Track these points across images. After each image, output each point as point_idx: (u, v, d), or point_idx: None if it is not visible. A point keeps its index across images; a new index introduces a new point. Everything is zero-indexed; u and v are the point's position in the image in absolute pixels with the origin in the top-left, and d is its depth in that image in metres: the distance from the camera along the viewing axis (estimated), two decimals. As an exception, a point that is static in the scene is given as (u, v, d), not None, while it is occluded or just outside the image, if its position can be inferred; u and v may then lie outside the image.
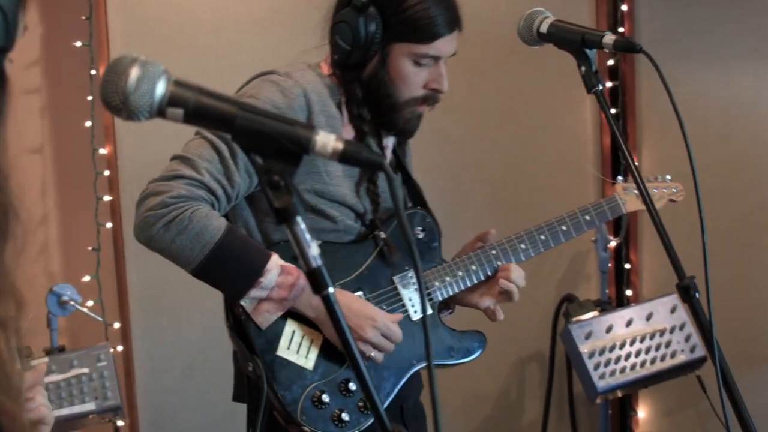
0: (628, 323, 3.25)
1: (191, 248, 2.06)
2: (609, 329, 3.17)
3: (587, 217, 2.54)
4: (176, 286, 3.42)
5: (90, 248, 3.62)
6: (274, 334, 2.18)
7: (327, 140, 1.04)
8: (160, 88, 1.02)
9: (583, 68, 2.04)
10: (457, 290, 2.40)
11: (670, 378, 3.37)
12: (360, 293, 2.30)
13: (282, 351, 2.18)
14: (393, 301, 2.35)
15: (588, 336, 3.11)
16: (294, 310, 2.18)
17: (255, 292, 2.11)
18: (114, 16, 3.51)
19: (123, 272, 3.62)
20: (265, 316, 2.14)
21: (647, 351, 3.22)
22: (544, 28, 2.15)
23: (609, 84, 3.69)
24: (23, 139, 3.67)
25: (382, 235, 2.33)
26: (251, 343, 2.18)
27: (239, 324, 2.20)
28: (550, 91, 3.64)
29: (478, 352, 2.47)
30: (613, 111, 3.66)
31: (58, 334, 3.65)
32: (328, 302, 1.07)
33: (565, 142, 3.72)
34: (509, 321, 3.72)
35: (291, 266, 2.14)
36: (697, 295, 1.97)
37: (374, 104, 2.29)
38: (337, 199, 2.26)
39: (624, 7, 3.70)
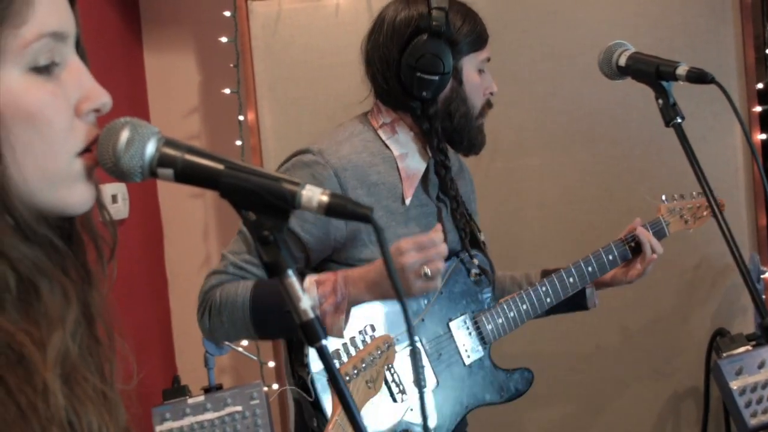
0: (782, 358, 3.05)
1: (237, 320, 2.14)
2: (762, 364, 2.98)
3: (633, 244, 2.58)
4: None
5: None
6: (323, 411, 2.24)
7: (312, 194, 1.04)
8: (150, 150, 1.04)
9: (660, 101, 1.96)
10: (508, 331, 2.43)
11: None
12: (418, 344, 2.32)
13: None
14: (448, 348, 2.35)
15: (739, 372, 2.93)
16: (355, 303, 2.10)
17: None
18: (260, 62, 3.62)
19: (276, 312, 3.70)
20: (336, 328, 2.09)
21: (802, 388, 3.01)
22: (622, 61, 2.08)
23: (758, 108, 3.48)
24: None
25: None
26: (319, 399, 2.21)
27: (303, 381, 2.24)
28: (698, 118, 3.48)
29: (526, 389, 2.51)
30: (763, 136, 3.46)
31: (222, 373, 3.79)
32: (322, 354, 1.06)
33: (717, 169, 3.54)
34: (664, 355, 3.60)
35: (323, 274, 2.12)
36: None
37: (453, 125, 2.31)
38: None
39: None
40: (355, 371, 2.10)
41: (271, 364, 3.72)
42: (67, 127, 0.99)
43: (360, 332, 2.20)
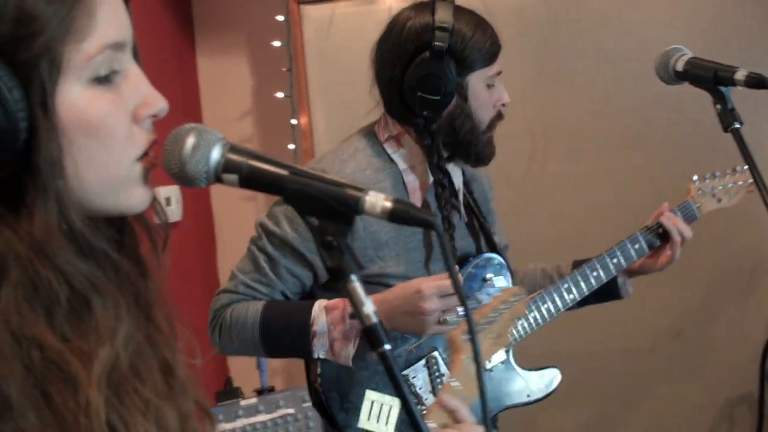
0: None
1: (247, 340, 2.20)
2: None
3: (660, 231, 2.52)
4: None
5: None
6: (354, 407, 2.23)
7: (376, 200, 1.04)
8: (215, 156, 1.05)
9: (718, 106, 1.94)
10: (529, 332, 2.40)
11: None
12: (435, 353, 2.30)
13: (363, 423, 2.24)
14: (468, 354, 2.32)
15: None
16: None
17: (318, 342, 2.15)
18: (312, 66, 3.63)
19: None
20: (344, 355, 2.15)
21: None
22: (680, 66, 2.06)
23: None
24: (237, 186, 3.86)
25: None
26: (334, 418, 2.26)
27: (320, 401, 2.29)
28: (755, 123, 3.43)
29: (555, 385, 2.47)
30: None
31: (273, 375, 3.80)
32: (385, 358, 1.06)
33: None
34: (717, 360, 3.56)
35: (334, 301, 2.16)
36: None
37: (459, 141, 2.27)
38: (400, 276, 2.25)
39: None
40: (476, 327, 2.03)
41: (323, 366, 3.72)
42: (126, 135, 1.00)
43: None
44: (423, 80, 2.19)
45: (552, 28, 3.61)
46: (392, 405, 2.24)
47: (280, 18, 3.72)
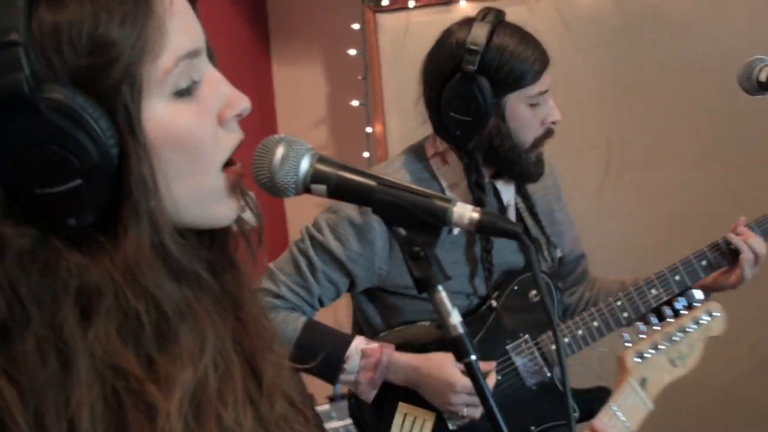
0: None
1: None
2: None
3: (732, 246, 2.39)
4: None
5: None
6: (386, 419, 2.25)
7: (464, 211, 1.04)
8: (304, 166, 1.05)
9: None
10: (576, 350, 2.34)
11: None
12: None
13: None
14: (507, 371, 2.30)
15: None
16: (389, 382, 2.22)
17: (343, 377, 2.21)
18: (388, 75, 3.65)
19: (401, 322, 3.72)
20: (365, 395, 2.22)
21: None
22: (763, 77, 2.02)
23: None
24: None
25: (494, 304, 2.30)
26: (365, 427, 2.30)
27: (353, 409, 2.35)
28: None
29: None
30: None
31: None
32: (470, 369, 1.06)
33: None
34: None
35: (373, 347, 2.20)
36: None
37: (501, 160, 2.24)
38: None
39: None
40: (652, 348, 1.86)
41: (394, 374, 3.73)
42: (213, 141, 1.00)
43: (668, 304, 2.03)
44: (454, 101, 2.18)
45: (629, 38, 3.58)
46: (425, 419, 2.24)
47: (356, 26, 3.74)
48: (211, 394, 0.98)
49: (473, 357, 1.06)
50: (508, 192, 2.36)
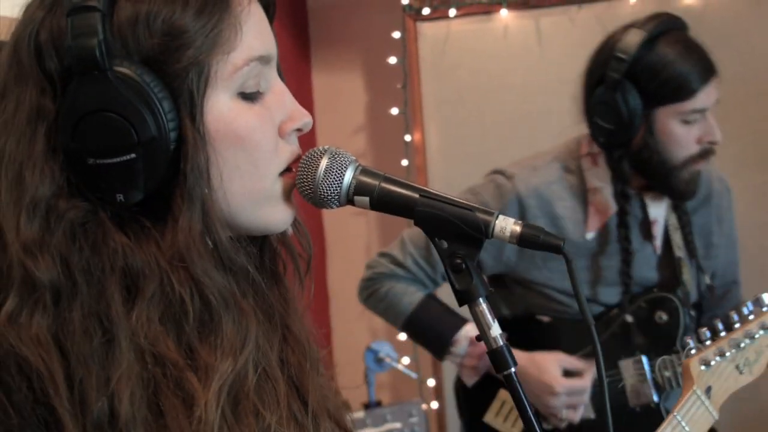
0: None
1: (389, 317, 2.35)
2: None
3: None
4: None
5: (406, 306, 3.76)
6: (486, 399, 2.26)
7: (506, 224, 1.04)
8: (348, 178, 1.06)
9: None
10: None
11: None
12: None
13: (489, 417, 2.27)
14: (612, 387, 2.25)
15: None
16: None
17: (449, 358, 2.28)
18: (427, 84, 3.66)
19: (437, 331, 3.72)
20: (466, 378, 2.29)
21: None
22: None
23: None
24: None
25: (629, 319, 2.27)
26: (464, 403, 2.36)
27: (456, 385, 2.40)
28: None
29: None
30: None
31: (380, 389, 3.82)
32: (510, 381, 1.06)
33: None
34: None
35: None
36: None
37: (649, 174, 2.20)
38: (563, 291, 2.27)
39: None
40: (718, 355, 1.76)
41: (431, 382, 3.73)
42: (272, 149, 1.02)
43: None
44: (599, 107, 2.15)
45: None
46: None
47: (396, 35, 3.75)
48: (249, 390, 0.98)
49: (513, 369, 1.07)
50: (657, 207, 2.31)
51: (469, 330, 2.24)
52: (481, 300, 1.06)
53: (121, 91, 0.92)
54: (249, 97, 1.00)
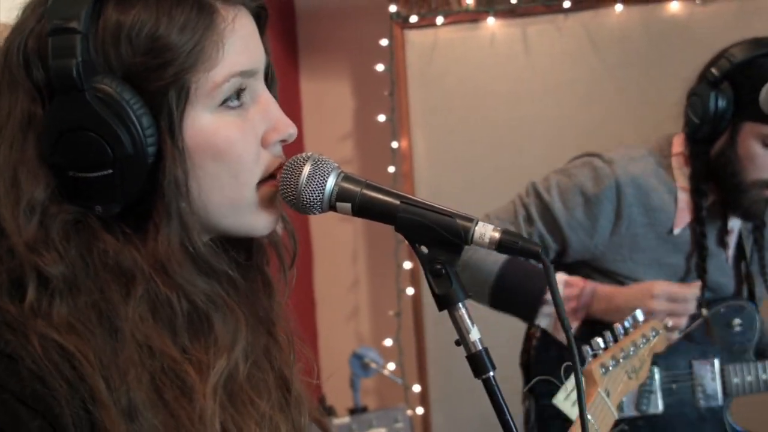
0: None
1: (477, 282, 2.24)
2: None
3: None
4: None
5: (392, 313, 3.78)
6: (554, 383, 2.25)
7: (485, 230, 1.05)
8: (330, 184, 1.07)
9: None
10: (755, 391, 2.29)
11: None
12: (654, 367, 2.25)
13: (557, 400, 2.22)
14: (684, 384, 2.27)
15: None
16: (591, 317, 2.21)
17: (545, 309, 2.21)
18: (415, 91, 3.67)
19: (422, 337, 3.73)
20: (561, 331, 2.18)
21: None
22: None
23: None
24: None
25: (704, 313, 2.27)
26: (533, 382, 2.27)
27: (526, 362, 2.33)
28: None
29: None
30: None
31: (366, 394, 3.83)
32: (488, 386, 1.08)
33: None
34: None
35: (575, 278, 2.22)
36: None
37: (719, 182, 2.22)
38: None
39: None
40: (613, 362, 1.90)
41: (416, 388, 3.75)
42: (254, 159, 1.04)
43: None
44: (693, 98, 2.20)
45: (657, 56, 3.58)
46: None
47: (384, 42, 3.76)
48: (242, 381, 1.02)
49: (491, 373, 1.08)
50: (736, 218, 2.32)
51: (561, 275, 2.22)
52: (460, 305, 1.08)
53: (98, 111, 0.94)
54: (231, 107, 1.01)
